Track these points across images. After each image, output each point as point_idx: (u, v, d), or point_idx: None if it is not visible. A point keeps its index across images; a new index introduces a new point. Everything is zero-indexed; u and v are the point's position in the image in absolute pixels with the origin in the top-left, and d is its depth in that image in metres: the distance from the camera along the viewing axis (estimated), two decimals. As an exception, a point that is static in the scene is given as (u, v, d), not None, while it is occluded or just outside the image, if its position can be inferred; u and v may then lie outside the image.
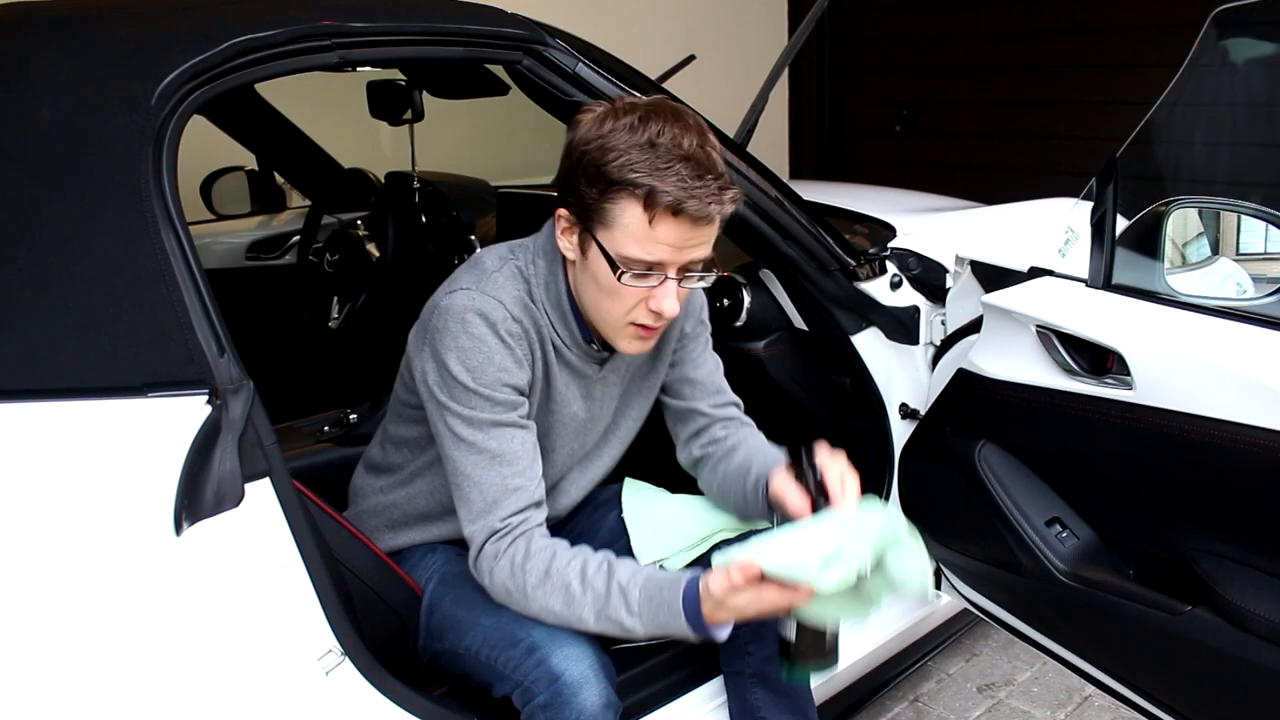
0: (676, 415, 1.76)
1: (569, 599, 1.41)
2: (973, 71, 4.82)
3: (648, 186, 1.34)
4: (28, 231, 1.21)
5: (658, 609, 1.39)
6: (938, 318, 2.21)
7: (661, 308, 1.42)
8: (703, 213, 1.36)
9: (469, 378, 1.43)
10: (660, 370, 1.70)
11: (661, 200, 1.34)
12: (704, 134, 1.40)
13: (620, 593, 1.40)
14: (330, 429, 2.29)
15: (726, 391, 1.76)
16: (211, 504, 1.20)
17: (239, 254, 3.00)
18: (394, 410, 1.67)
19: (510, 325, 1.45)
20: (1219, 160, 1.83)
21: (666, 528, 1.70)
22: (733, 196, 1.40)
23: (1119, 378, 1.66)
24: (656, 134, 1.36)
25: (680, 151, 1.35)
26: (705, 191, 1.36)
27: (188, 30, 1.37)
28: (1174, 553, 1.63)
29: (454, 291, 1.47)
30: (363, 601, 1.48)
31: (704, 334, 1.74)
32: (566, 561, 1.42)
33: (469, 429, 1.44)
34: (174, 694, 1.21)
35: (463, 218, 2.80)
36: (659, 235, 1.37)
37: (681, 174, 1.35)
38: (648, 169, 1.34)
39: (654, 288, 1.42)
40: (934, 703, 2.41)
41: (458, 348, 1.43)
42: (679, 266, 1.41)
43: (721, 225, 1.44)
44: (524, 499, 1.46)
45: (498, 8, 1.72)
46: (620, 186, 1.36)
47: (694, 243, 1.40)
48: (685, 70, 2.95)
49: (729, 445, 1.72)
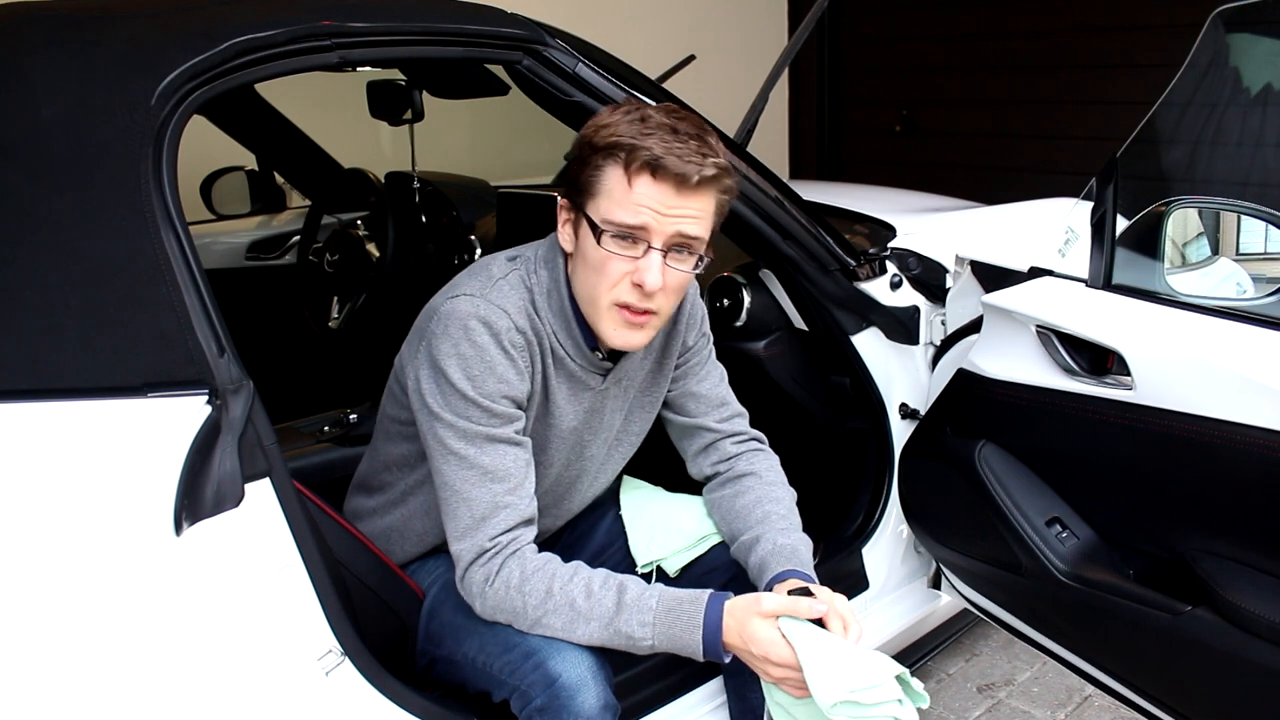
0: (682, 431, 1.73)
1: (573, 616, 1.40)
2: (973, 71, 4.82)
3: (628, 146, 1.36)
4: (28, 232, 1.21)
5: (674, 621, 1.39)
6: (938, 318, 2.21)
7: (644, 279, 1.39)
8: (680, 169, 1.35)
9: (468, 386, 1.40)
10: (663, 385, 1.68)
11: (640, 157, 1.36)
12: (703, 126, 1.42)
13: (634, 606, 1.39)
14: (330, 429, 2.29)
15: (732, 403, 1.74)
16: (211, 504, 1.20)
17: (239, 254, 3.00)
18: (382, 427, 1.63)
19: (514, 336, 1.43)
20: (1219, 160, 1.82)
21: (665, 527, 1.70)
22: (718, 163, 1.39)
23: (1119, 378, 1.66)
24: (651, 114, 1.39)
25: (669, 124, 1.38)
26: (685, 150, 1.36)
27: (188, 30, 1.37)
28: (1174, 553, 1.63)
29: (456, 297, 1.44)
30: (363, 602, 1.48)
31: (707, 346, 1.72)
32: (568, 579, 1.41)
33: (462, 442, 1.41)
34: (174, 694, 1.20)
35: (463, 218, 2.80)
36: (638, 195, 1.37)
37: (663, 136, 1.36)
38: (631, 135, 1.37)
39: (637, 259, 1.40)
40: (934, 703, 2.41)
41: (458, 355, 1.41)
42: (664, 238, 1.39)
43: (719, 213, 1.44)
44: (514, 517, 1.43)
45: (498, 8, 1.72)
46: (603, 152, 1.39)
47: (677, 210, 1.38)
48: (685, 70, 2.95)
49: (739, 471, 1.69)
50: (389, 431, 1.61)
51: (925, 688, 1.37)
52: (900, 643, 2.25)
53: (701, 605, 1.39)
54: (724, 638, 1.39)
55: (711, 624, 1.39)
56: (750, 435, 1.74)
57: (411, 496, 1.61)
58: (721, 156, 1.40)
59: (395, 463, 1.62)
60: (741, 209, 1.88)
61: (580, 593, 1.40)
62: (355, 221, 2.82)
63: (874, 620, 2.14)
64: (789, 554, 1.55)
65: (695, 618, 1.38)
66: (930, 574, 2.28)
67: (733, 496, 1.67)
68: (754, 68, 3.67)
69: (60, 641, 1.13)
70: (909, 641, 2.29)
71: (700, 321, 1.70)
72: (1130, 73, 4.14)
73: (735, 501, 1.66)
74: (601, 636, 1.40)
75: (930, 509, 2.05)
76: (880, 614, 2.17)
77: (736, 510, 1.65)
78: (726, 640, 1.39)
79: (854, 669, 1.34)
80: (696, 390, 1.70)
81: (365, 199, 2.84)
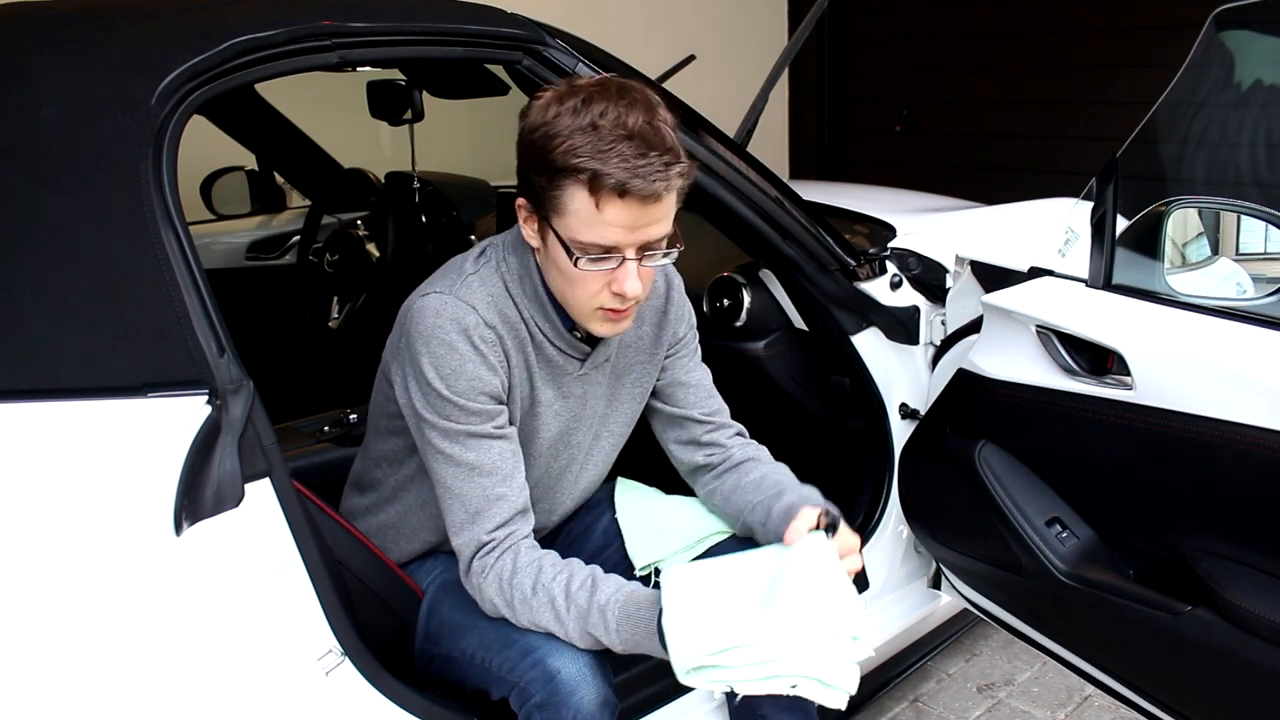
0: (669, 421, 1.72)
1: (555, 614, 1.40)
2: (973, 71, 4.82)
3: (590, 170, 1.31)
4: (28, 231, 1.21)
5: (634, 627, 1.38)
6: (938, 318, 2.21)
7: (624, 289, 1.39)
8: (649, 191, 1.32)
9: (443, 385, 1.41)
10: (651, 374, 1.68)
11: (605, 183, 1.31)
12: (653, 109, 1.35)
13: (600, 610, 1.39)
14: (330, 429, 2.29)
15: (718, 397, 1.74)
16: (211, 504, 1.20)
17: (239, 254, 3.00)
18: (372, 424, 1.64)
19: (483, 331, 1.43)
20: (1219, 160, 1.83)
21: (661, 529, 1.70)
22: (681, 171, 1.35)
23: (1119, 378, 1.66)
24: (600, 115, 1.32)
25: (623, 131, 1.31)
26: (650, 169, 1.31)
27: (188, 30, 1.37)
28: (1174, 553, 1.63)
29: (426, 295, 1.44)
30: (363, 601, 1.48)
31: (696, 339, 1.71)
32: (552, 576, 1.42)
33: (446, 441, 1.43)
34: (174, 694, 1.20)
35: (463, 218, 2.80)
36: (608, 218, 1.34)
37: (624, 154, 1.31)
38: (590, 152, 1.31)
39: (614, 270, 1.39)
40: (934, 703, 2.41)
41: (430, 353, 1.41)
42: (637, 247, 1.38)
43: (680, 199, 1.40)
44: (508, 508, 1.44)
45: (498, 8, 1.72)
46: (565, 173, 1.33)
47: (646, 222, 1.36)
48: (685, 70, 2.95)
49: (739, 458, 1.68)
50: (378, 427, 1.62)
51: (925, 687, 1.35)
52: (900, 643, 2.25)
53: (656, 609, 1.38)
54: None
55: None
56: (738, 429, 1.74)
57: (404, 492, 1.62)
58: (678, 149, 1.36)
59: (385, 458, 1.62)
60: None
61: (560, 591, 1.41)
62: (355, 221, 2.82)
63: (874, 620, 2.14)
64: (816, 498, 1.56)
65: (651, 623, 1.37)
66: (930, 574, 2.28)
67: (736, 479, 1.66)
68: (754, 68, 3.68)
69: (61, 642, 1.13)
70: (909, 641, 2.29)
71: (689, 314, 1.70)
72: (1130, 73, 4.13)
73: (742, 480, 1.65)
74: (579, 637, 1.41)
75: (930, 509, 2.05)
76: (880, 614, 2.17)
77: (744, 487, 1.63)
78: None
79: (731, 624, 1.27)
80: (686, 380, 1.69)
81: (365, 199, 2.84)
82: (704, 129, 1.88)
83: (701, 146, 1.85)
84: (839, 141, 5.45)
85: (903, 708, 2.40)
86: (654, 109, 1.35)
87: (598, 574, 1.43)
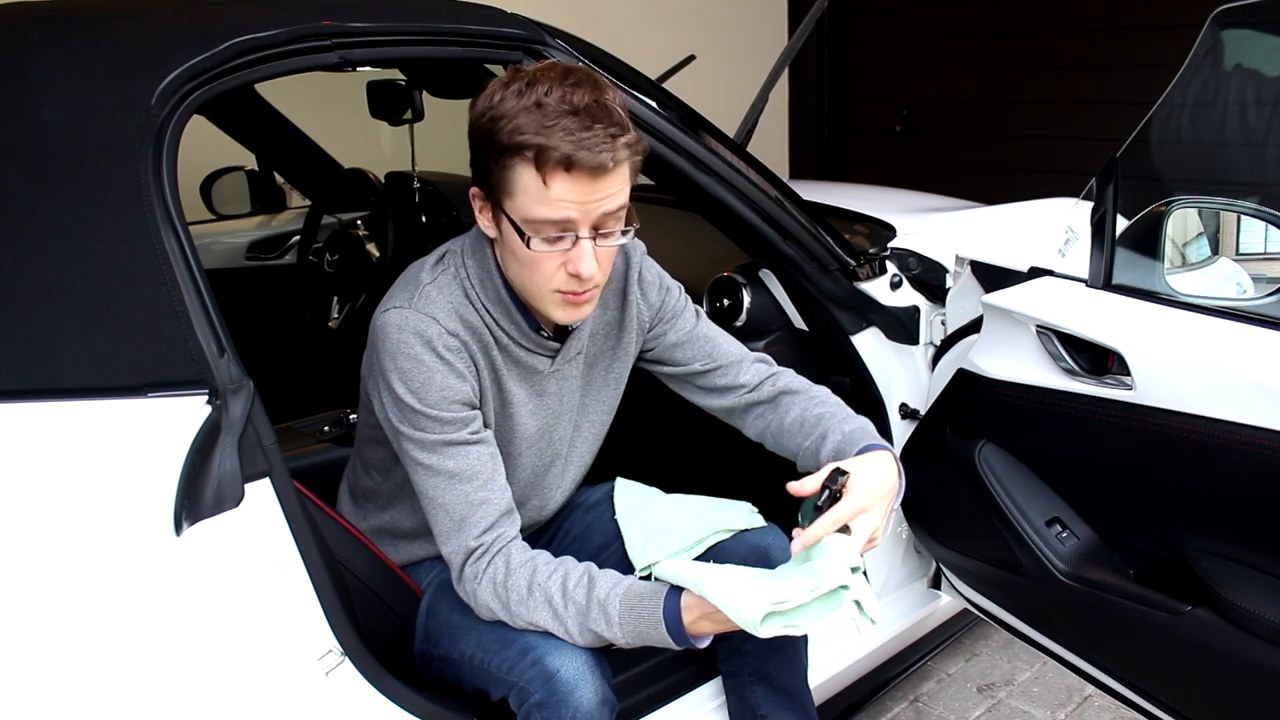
0: (680, 381, 1.70)
1: (553, 612, 1.41)
2: (973, 71, 4.82)
3: (535, 145, 1.31)
4: (28, 231, 1.21)
5: (638, 619, 1.39)
6: (938, 318, 2.21)
7: (579, 270, 1.37)
8: (594, 162, 1.31)
9: (414, 399, 1.41)
10: (623, 358, 1.66)
11: (551, 157, 1.30)
12: (600, 89, 1.34)
13: (600, 605, 1.39)
14: (330, 429, 2.29)
15: (723, 343, 1.70)
16: (211, 504, 1.20)
17: (239, 254, 3.00)
18: (360, 431, 1.65)
19: (447, 340, 1.42)
20: (1219, 160, 1.83)
21: (661, 529, 1.69)
22: (628, 142, 1.34)
23: (1119, 378, 1.66)
24: (544, 93, 1.32)
25: (568, 106, 1.31)
26: (594, 140, 1.30)
27: (188, 30, 1.37)
28: (1174, 553, 1.63)
29: (387, 310, 1.44)
30: (362, 601, 1.48)
31: (679, 298, 1.67)
32: (547, 576, 1.42)
33: (423, 452, 1.43)
34: (174, 694, 1.21)
35: (463, 218, 2.80)
36: (557, 193, 1.33)
37: (569, 127, 1.30)
38: (535, 129, 1.31)
39: (568, 250, 1.38)
40: (934, 703, 2.41)
41: (398, 369, 1.41)
42: (590, 225, 1.37)
43: (633, 174, 1.39)
44: (492, 512, 1.44)
45: (498, 8, 1.72)
46: (511, 152, 1.33)
47: (597, 196, 1.34)
48: (685, 70, 2.95)
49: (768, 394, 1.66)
50: (364, 435, 1.63)
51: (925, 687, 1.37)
52: (900, 643, 2.25)
53: (660, 598, 1.39)
54: (687, 623, 1.39)
55: (671, 614, 1.39)
56: (756, 358, 1.70)
57: (396, 498, 1.62)
58: (626, 122, 1.35)
59: (375, 466, 1.63)
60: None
61: (556, 589, 1.41)
62: (355, 221, 2.82)
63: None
64: (860, 435, 1.56)
65: (655, 612, 1.38)
66: (930, 574, 2.28)
67: (778, 420, 1.65)
68: (754, 68, 3.68)
69: (61, 642, 1.13)
70: (909, 641, 2.29)
71: (660, 281, 1.66)
72: (1130, 73, 4.14)
73: (783, 420, 1.64)
74: (580, 635, 1.41)
75: (930, 509, 2.05)
76: (880, 614, 2.17)
77: (786, 428, 1.63)
78: (692, 625, 1.39)
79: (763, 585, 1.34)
80: (680, 339, 1.67)
81: (365, 199, 2.83)
82: (704, 129, 1.88)
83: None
84: (839, 141, 5.45)
85: (903, 708, 2.40)
86: (601, 88, 1.35)
87: (593, 570, 1.44)
